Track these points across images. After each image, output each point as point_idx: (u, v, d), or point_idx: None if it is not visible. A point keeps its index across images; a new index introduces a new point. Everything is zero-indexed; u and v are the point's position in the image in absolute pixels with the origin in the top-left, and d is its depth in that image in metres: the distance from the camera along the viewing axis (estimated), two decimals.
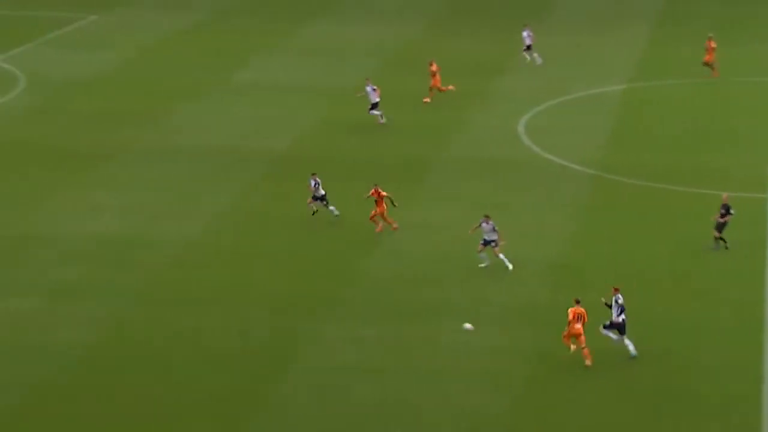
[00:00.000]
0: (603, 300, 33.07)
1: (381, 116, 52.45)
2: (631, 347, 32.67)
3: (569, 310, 32.31)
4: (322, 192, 41.79)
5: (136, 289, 37.01)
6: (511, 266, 38.08)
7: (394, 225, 40.93)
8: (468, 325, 34.38)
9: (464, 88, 56.65)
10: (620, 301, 32.57)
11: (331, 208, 41.87)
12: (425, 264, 38.79)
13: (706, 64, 59.22)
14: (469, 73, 60.28)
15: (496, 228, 38.02)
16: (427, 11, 75.81)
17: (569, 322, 32.14)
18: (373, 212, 40.70)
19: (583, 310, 32.22)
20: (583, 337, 32.16)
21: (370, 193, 40.71)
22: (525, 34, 61.83)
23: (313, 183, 41.93)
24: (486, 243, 38.04)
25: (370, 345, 33.85)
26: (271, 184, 46.27)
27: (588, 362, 32.25)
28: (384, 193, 40.59)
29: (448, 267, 38.59)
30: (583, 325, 32.14)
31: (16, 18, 73.58)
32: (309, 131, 52.57)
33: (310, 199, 41.95)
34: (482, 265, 38.26)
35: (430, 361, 32.95)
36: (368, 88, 52.19)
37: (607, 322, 32.79)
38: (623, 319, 32.52)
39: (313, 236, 40.98)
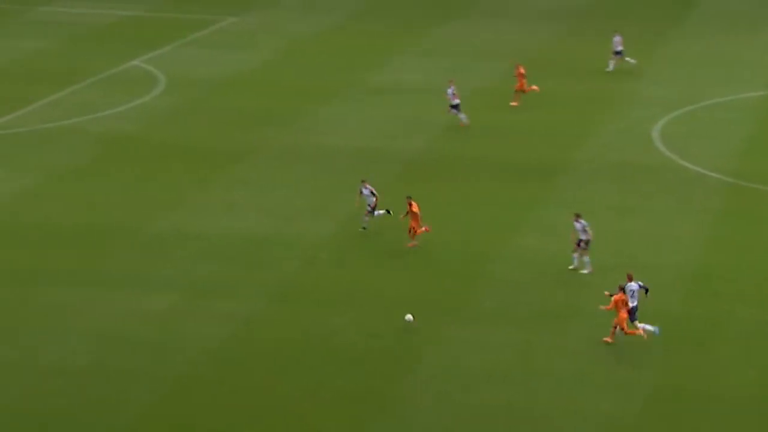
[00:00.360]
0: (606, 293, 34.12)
1: (463, 118, 52.61)
2: (649, 327, 33.26)
3: (614, 297, 33.09)
4: (374, 202, 40.98)
5: (270, 288, 37.73)
6: (586, 271, 37.90)
7: (413, 242, 40.11)
8: (409, 316, 34.91)
9: (598, 92, 56.30)
10: (633, 288, 33.45)
11: (380, 212, 41.19)
12: (552, 268, 38.73)
13: None
14: (602, 77, 59.90)
15: (588, 228, 37.78)
16: (563, 14, 75.43)
17: (617, 310, 33.04)
18: (410, 226, 39.96)
19: (626, 296, 33.17)
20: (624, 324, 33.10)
21: (409, 209, 39.75)
22: (616, 39, 61.17)
23: (366, 191, 41.32)
24: (580, 243, 38.03)
25: (495, 349, 33.97)
26: (405, 185, 46.52)
27: (609, 339, 33.29)
28: (416, 209, 39.76)
29: (575, 271, 38.50)
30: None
31: (157, 20, 75.40)
32: (442, 133, 52.82)
33: (365, 213, 41.18)
34: (571, 267, 38.31)
35: (557, 367, 32.93)
36: (449, 90, 52.54)
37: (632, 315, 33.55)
38: (634, 305, 33.50)
39: (443, 238, 41.20)
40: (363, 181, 41.71)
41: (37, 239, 41.22)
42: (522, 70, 55.75)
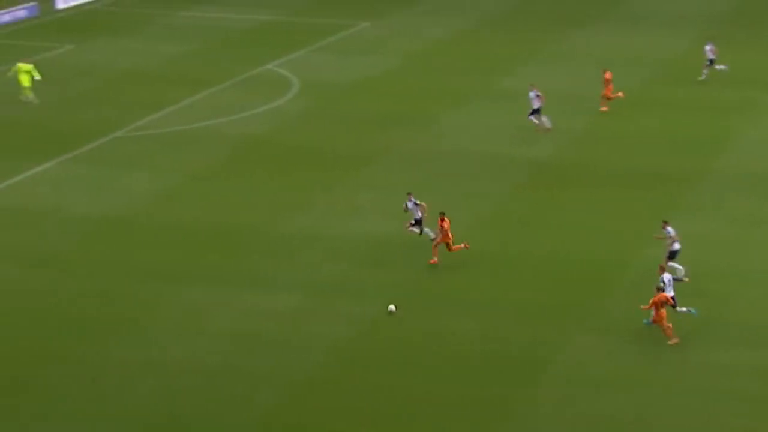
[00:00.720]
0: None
1: (546, 121, 52.57)
2: (684, 309, 34.66)
3: (654, 299, 33.63)
4: (420, 215, 40.60)
5: (394, 290, 38.05)
6: (683, 277, 37.53)
7: (434, 259, 39.63)
8: (391, 307, 35.30)
9: (738, 100, 55.52)
10: (666, 280, 34.69)
11: (426, 230, 40.75)
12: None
13: None
14: (743, 85, 59.07)
15: (674, 235, 37.55)
16: (700, 22, 74.52)
17: (658, 310, 33.74)
18: (438, 240, 39.50)
19: (666, 295, 34.05)
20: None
21: (441, 226, 39.26)
22: (708, 48, 60.06)
23: (410, 204, 40.98)
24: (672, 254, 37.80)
25: (623, 358, 33.72)
26: (532, 192, 46.71)
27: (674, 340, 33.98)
28: (447, 225, 39.29)
29: (707, 280, 38.11)
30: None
31: (293, 24, 76.68)
32: (571, 139, 52.65)
33: (408, 224, 40.89)
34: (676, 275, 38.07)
35: (689, 378, 32.56)
36: (531, 94, 52.41)
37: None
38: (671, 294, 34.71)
39: (572, 244, 41.15)
40: (409, 194, 41.28)
41: (171, 239, 42.38)
42: (608, 76, 55.50)
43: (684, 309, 35.03)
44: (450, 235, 39.41)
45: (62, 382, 32.61)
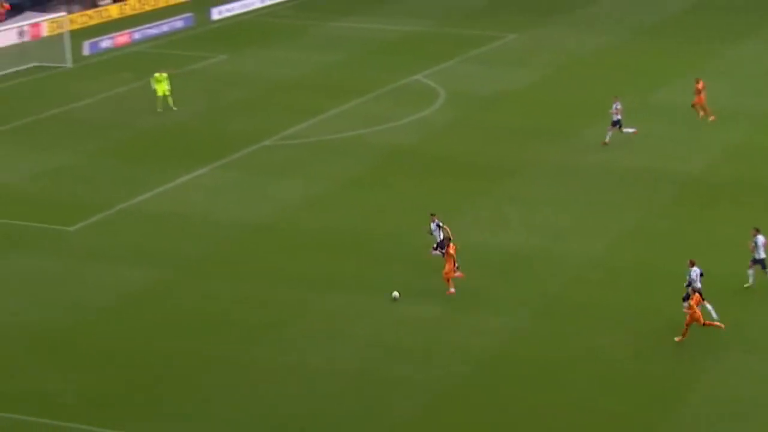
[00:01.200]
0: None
1: (608, 135, 52.27)
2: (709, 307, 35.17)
3: (692, 302, 34.27)
4: (441, 237, 39.54)
5: (535, 304, 37.97)
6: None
7: (451, 289, 38.58)
8: (395, 293, 35.49)
9: None
10: (693, 275, 35.64)
11: (435, 252, 39.59)
12: None
13: None
14: None
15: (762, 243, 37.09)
16: None
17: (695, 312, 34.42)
18: (449, 269, 38.41)
19: (699, 297, 34.79)
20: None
21: (448, 252, 38.34)
22: None
23: (433, 226, 39.93)
24: (755, 261, 37.17)
25: None
26: (680, 208, 45.97)
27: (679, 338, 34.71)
28: (453, 250, 38.26)
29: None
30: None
31: (442, 35, 77.00)
32: (726, 155, 51.70)
33: (432, 248, 39.81)
34: (746, 285, 37.53)
35: None
36: (615, 106, 52.01)
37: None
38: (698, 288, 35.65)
39: (718, 261, 40.25)
40: (432, 216, 40.34)
41: (316, 246, 42.94)
42: (701, 86, 54.27)
43: (710, 306, 35.30)
44: (453, 262, 38.34)
45: (206, 384, 33.35)
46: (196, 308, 38.13)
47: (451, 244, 38.61)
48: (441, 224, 40.13)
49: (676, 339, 35.03)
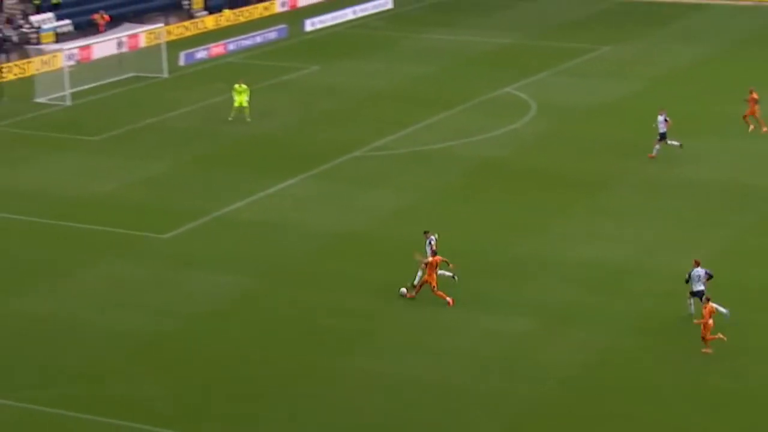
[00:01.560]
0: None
1: (656, 150, 51.57)
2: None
3: (705, 311, 34.27)
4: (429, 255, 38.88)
5: (628, 319, 37.53)
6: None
7: (448, 298, 38.21)
8: (403, 290, 35.86)
9: None
10: (700, 273, 36.34)
11: (441, 271, 38.88)
12: None
13: None
14: None
15: None
16: None
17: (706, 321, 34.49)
18: (425, 279, 38.16)
19: (712, 307, 34.67)
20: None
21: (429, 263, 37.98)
22: None
23: (428, 243, 39.22)
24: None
25: None
26: None
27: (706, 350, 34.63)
28: (435, 263, 37.82)
29: None
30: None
31: (533, 48, 76.73)
32: None
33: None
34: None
35: None
36: (660, 118, 50.97)
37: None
38: (701, 289, 36.41)
39: None
40: (426, 233, 39.79)
41: (405, 256, 42.59)
42: (755, 96, 53.23)
43: (716, 305, 35.14)
44: (434, 275, 38.21)
45: (294, 393, 33.57)
46: (286, 316, 38.42)
47: (437, 257, 38.35)
48: (434, 242, 39.44)
49: (703, 351, 34.83)
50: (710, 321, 34.80)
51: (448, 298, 38.43)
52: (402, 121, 59.57)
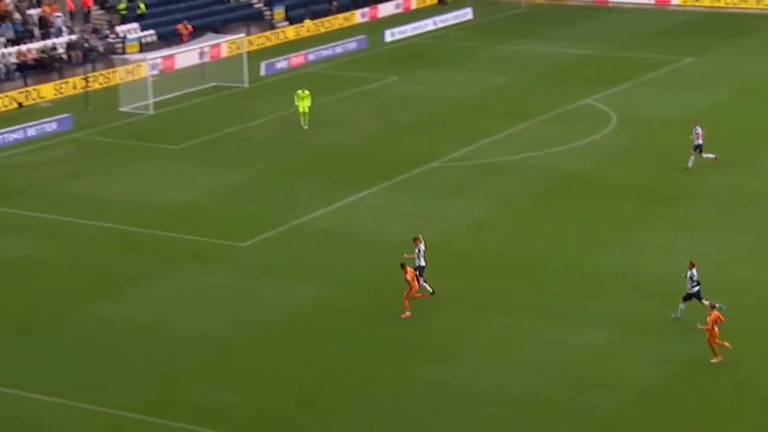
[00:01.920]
0: (682, 275, 37.24)
1: (691, 161, 51.38)
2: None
3: (709, 319, 34.33)
4: (422, 263, 38.94)
5: (705, 332, 37.22)
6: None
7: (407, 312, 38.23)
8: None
9: None
10: (695, 277, 36.83)
11: (424, 284, 38.96)
12: None
13: None
14: None
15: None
16: None
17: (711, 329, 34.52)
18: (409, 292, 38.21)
19: (718, 314, 34.66)
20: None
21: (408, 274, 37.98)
22: None
23: (416, 250, 39.20)
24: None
25: None
26: None
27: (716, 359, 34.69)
28: (410, 276, 37.75)
29: None
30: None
31: (614, 59, 76.31)
32: None
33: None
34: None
35: None
36: (695, 131, 50.83)
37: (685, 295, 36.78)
38: (697, 290, 37.00)
39: None
40: (415, 240, 39.73)
41: (481, 267, 43.07)
42: None
43: (707, 302, 35.82)
44: (411, 288, 38.29)
45: (372, 403, 33.71)
46: (361, 325, 38.62)
47: (409, 269, 38.40)
48: (422, 250, 39.54)
49: (713, 360, 34.82)
50: (716, 329, 34.46)
51: (408, 312, 38.42)
52: (481, 132, 59.59)
